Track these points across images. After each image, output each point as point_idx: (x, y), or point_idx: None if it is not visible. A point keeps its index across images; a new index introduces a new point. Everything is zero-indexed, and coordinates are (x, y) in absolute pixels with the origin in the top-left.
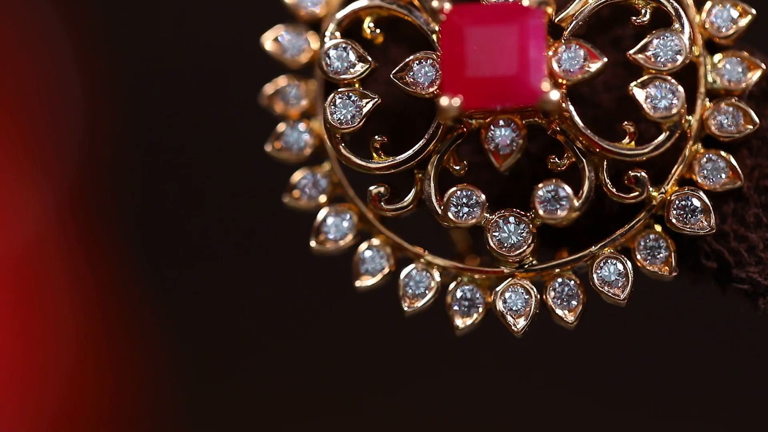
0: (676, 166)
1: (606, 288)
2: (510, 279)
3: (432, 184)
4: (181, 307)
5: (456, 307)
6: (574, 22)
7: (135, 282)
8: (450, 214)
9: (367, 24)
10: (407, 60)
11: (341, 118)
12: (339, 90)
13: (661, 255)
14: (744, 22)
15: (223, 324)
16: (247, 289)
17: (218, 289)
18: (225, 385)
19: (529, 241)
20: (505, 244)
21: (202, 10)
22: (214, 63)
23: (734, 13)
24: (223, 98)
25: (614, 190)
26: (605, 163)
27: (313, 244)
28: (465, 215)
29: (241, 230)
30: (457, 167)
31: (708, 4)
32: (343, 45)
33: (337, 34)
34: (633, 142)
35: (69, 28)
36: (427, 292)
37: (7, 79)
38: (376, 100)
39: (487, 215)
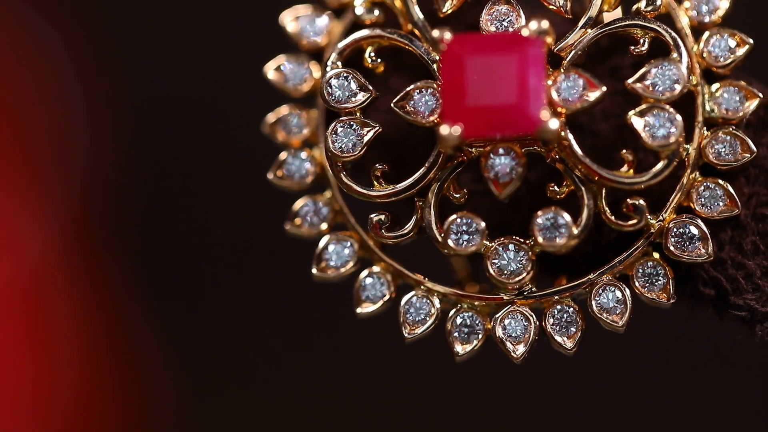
0: (674, 194)
1: (605, 315)
2: (509, 306)
3: (432, 212)
4: (184, 330)
5: (456, 334)
6: (573, 52)
7: (138, 306)
8: (450, 242)
9: (369, 53)
10: (408, 89)
11: (342, 146)
12: (340, 119)
13: (659, 282)
14: (741, 51)
15: (224, 344)
16: (248, 312)
17: (220, 312)
18: (226, 405)
19: (529, 269)
20: (505, 272)
21: (207, 36)
22: (218, 89)
23: (732, 43)
24: (227, 125)
25: (613, 217)
26: (604, 191)
27: (314, 271)
28: (465, 243)
29: (244, 255)
30: (457, 195)
31: (706, 34)
32: (345, 74)
33: (339, 63)
34: (631, 171)
35: (73, 54)
36: (427, 318)
37: (12, 105)
38: (377, 128)
39: (487, 243)
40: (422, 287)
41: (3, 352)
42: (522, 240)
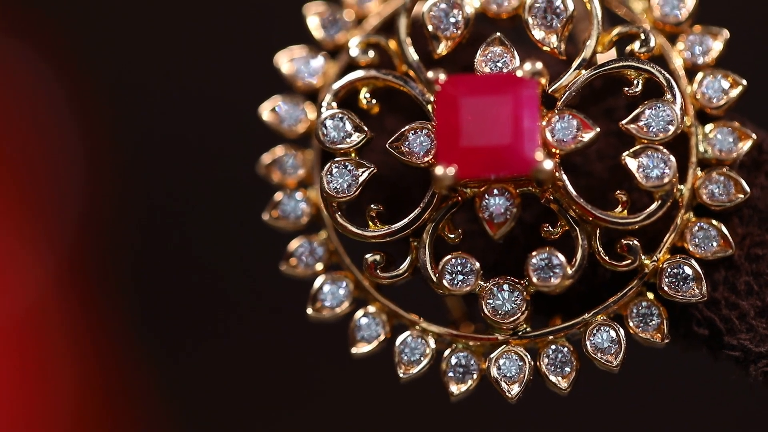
0: (668, 235)
1: (599, 355)
2: (504, 346)
3: (427, 252)
4: (179, 370)
5: (451, 374)
6: (567, 93)
7: (134, 345)
8: (445, 282)
9: (364, 94)
10: (403, 130)
11: (338, 187)
12: (335, 159)
13: (653, 322)
14: (735, 92)
15: (220, 383)
16: (244, 348)
17: (216, 352)
18: None
19: (523, 309)
20: (500, 312)
21: (202, 77)
22: (213, 130)
23: (725, 84)
24: (222, 166)
25: (607, 258)
26: (598, 231)
27: (309, 311)
28: (460, 283)
29: (240, 295)
30: (452, 235)
31: (699, 75)
32: (340, 115)
33: (334, 104)
34: (625, 211)
35: (69, 95)
36: (422, 358)
37: (8, 145)
38: (372, 169)
39: (482, 283)
40: (417, 327)
41: None
42: (517, 280)
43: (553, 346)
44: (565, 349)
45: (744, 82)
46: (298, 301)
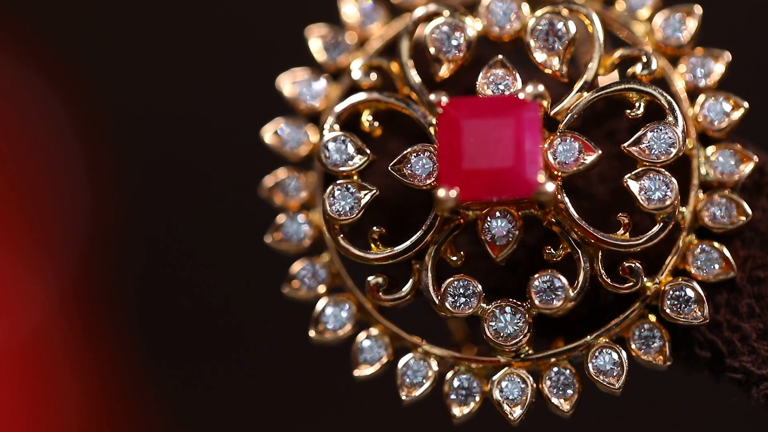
0: (670, 257)
1: (601, 377)
2: (506, 368)
3: (429, 275)
4: (183, 391)
5: (453, 396)
6: (569, 115)
7: (137, 367)
8: (447, 305)
9: (366, 117)
10: (405, 152)
11: (340, 209)
12: (338, 182)
13: (656, 344)
14: (737, 115)
15: (223, 404)
16: (246, 373)
17: (219, 373)
18: None
19: (525, 331)
20: (502, 334)
21: (205, 100)
22: (216, 151)
23: (727, 107)
24: (225, 188)
25: (609, 280)
26: (600, 253)
27: (312, 334)
28: (462, 305)
29: (243, 317)
30: (454, 258)
31: (701, 98)
32: (342, 138)
33: (336, 127)
34: (627, 233)
35: (73, 117)
36: (424, 381)
37: (12, 167)
38: (374, 191)
39: (484, 305)
40: (420, 350)
41: (2, 413)
42: (519, 302)
43: (556, 369)
44: (568, 371)
45: (745, 104)
46: (301, 324)
